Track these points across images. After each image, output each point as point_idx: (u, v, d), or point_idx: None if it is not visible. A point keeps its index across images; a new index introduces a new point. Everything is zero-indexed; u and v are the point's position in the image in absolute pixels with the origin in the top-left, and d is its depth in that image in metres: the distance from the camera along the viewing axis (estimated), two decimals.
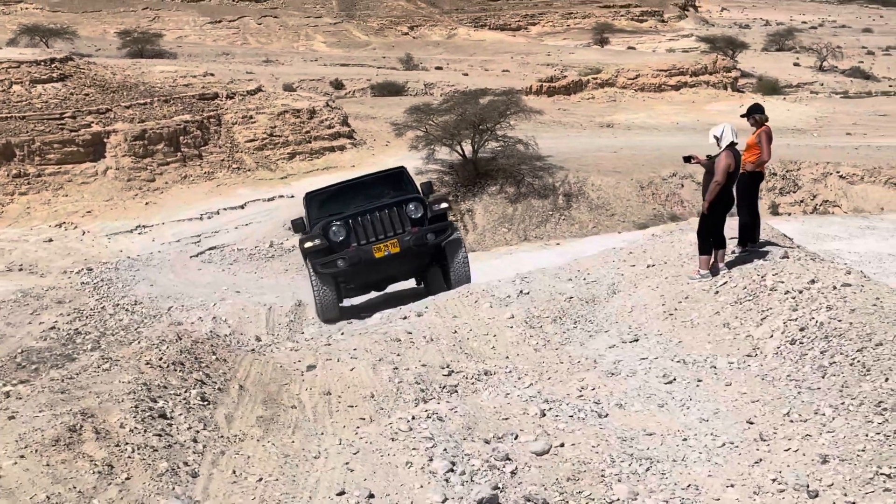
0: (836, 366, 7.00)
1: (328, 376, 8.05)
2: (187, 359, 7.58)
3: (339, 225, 12.51)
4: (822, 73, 57.92)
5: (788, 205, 32.27)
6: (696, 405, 7.04)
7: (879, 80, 56.53)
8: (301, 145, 30.06)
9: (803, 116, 40.47)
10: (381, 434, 6.48)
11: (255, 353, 9.18)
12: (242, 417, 6.95)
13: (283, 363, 8.47)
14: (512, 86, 41.43)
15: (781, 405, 6.76)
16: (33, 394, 6.43)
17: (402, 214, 12.78)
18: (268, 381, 7.90)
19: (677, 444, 6.43)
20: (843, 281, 8.13)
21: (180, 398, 6.78)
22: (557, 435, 6.51)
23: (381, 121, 35.95)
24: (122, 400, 6.24)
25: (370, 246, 12.42)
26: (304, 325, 12.26)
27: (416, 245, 12.50)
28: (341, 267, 12.31)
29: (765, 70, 55.71)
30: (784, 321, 7.96)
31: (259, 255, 22.50)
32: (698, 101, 41.97)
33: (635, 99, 42.87)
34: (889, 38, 75.69)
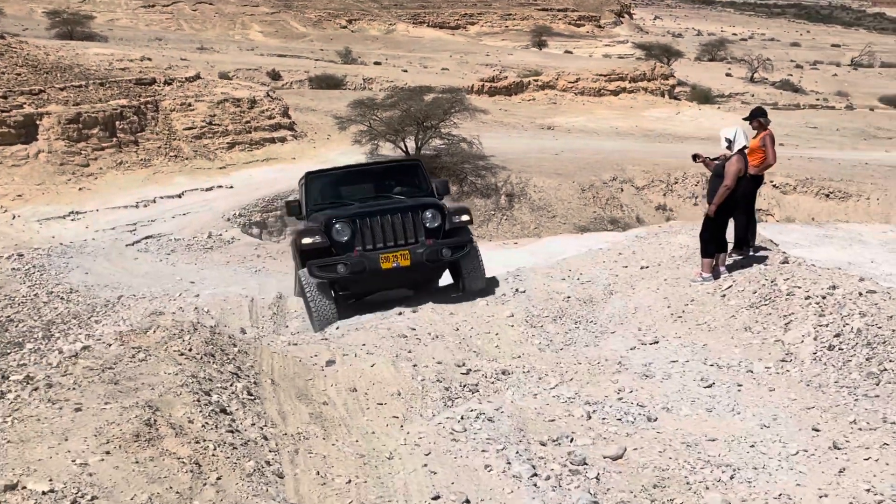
0: (890, 373, 6.98)
1: (349, 372, 7.81)
2: (215, 350, 7.23)
3: (343, 224, 11.02)
4: (753, 84, 59.19)
5: None
6: (748, 410, 6.95)
7: (807, 94, 57.99)
8: (241, 135, 29.41)
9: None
10: (439, 434, 6.29)
11: (269, 345, 8.94)
12: (294, 414, 6.70)
13: (301, 357, 8.20)
14: (451, 84, 41.33)
15: (843, 413, 6.69)
16: (83, 383, 6.07)
17: (417, 222, 11.25)
18: (292, 375, 7.64)
19: (747, 450, 6.30)
20: (868, 288, 8.18)
21: (228, 392, 6.47)
22: (614, 438, 6.37)
23: (322, 114, 35.49)
24: (179, 393, 5.93)
25: (377, 254, 10.97)
26: (288, 319, 11.85)
27: (429, 260, 11.06)
28: (341, 273, 10.82)
29: (698, 79, 56.68)
30: (814, 326, 7.93)
31: (198, 245, 21.88)
32: (636, 107, 42.41)
33: (575, 102, 43.14)
34: (816, 53, 77.79)
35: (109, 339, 7.40)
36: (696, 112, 42.64)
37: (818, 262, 10.41)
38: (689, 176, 32.30)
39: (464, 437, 6.27)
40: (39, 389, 5.98)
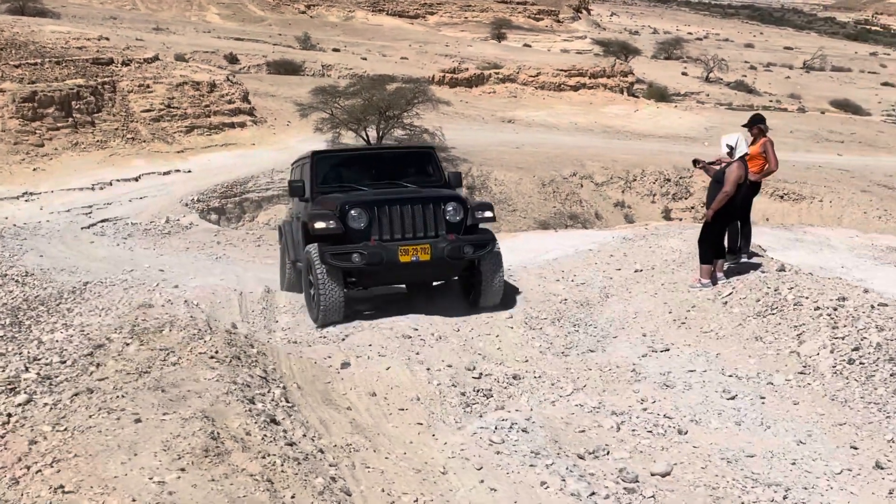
0: None
1: (366, 376, 7.72)
2: (239, 353, 7.08)
3: (360, 210, 10.30)
4: (708, 83, 59.82)
5: (680, 210, 33.14)
6: (778, 425, 6.95)
7: (761, 95, 58.80)
8: (200, 119, 28.98)
9: (694, 125, 41.62)
10: (480, 446, 6.22)
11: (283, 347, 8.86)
12: (334, 422, 6.59)
13: (314, 359, 8.07)
14: (410, 74, 41.16)
15: (878, 431, 6.69)
16: (128, 390, 5.92)
17: (439, 215, 10.52)
18: (311, 378, 7.51)
19: (790, 468, 6.28)
20: (879, 301, 8.24)
21: (268, 399, 6.32)
22: (650, 453, 6.31)
23: (282, 99, 35.12)
24: (228, 402, 5.78)
25: (396, 245, 10.22)
26: (278, 314, 11.62)
27: (450, 257, 10.27)
28: (356, 263, 10.07)
29: (655, 77, 57.15)
30: (829, 338, 7.95)
31: (155, 230, 21.47)
32: (596, 103, 42.63)
33: (535, 97, 43.21)
34: (769, 55, 78.86)
35: (101, 331, 7.23)
36: (655, 110, 42.98)
37: (810, 268, 10.53)
38: (647, 174, 32.59)
39: (505, 449, 6.21)
40: (81, 395, 5.80)
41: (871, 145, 41.56)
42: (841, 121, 48.56)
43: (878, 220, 30.71)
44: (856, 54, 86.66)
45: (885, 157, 38.94)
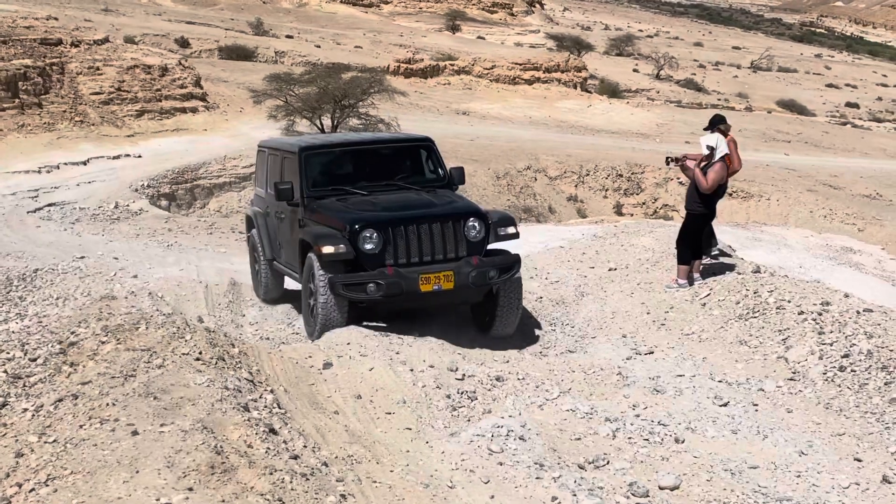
0: None
1: (349, 377, 7.56)
2: (222, 353, 6.84)
3: (374, 231, 9.10)
4: (658, 81, 60.29)
5: (631, 206, 33.42)
6: (775, 434, 6.90)
7: (710, 93, 59.43)
8: (151, 103, 28.44)
9: (646, 122, 41.98)
10: (480, 456, 6.09)
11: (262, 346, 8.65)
12: (329, 430, 6.40)
13: (296, 359, 7.88)
14: (365, 63, 40.91)
15: (880, 442, 6.68)
16: (117, 396, 5.65)
17: (460, 233, 9.33)
18: (294, 380, 7.33)
19: (795, 481, 6.23)
20: (864, 306, 8.27)
21: (261, 406, 6.10)
22: (651, 463, 6.24)
23: (234, 85, 34.66)
24: (224, 411, 5.55)
25: (416, 273, 9.03)
26: (245, 307, 11.37)
27: (475, 284, 9.15)
28: (371, 294, 8.97)
29: (607, 73, 57.45)
30: (817, 344, 7.96)
31: (103, 216, 21.04)
32: (550, 98, 42.76)
33: (490, 89, 43.21)
34: (718, 54, 79.81)
35: (62, 324, 7.01)
36: (607, 106, 43.27)
37: (774, 268, 10.62)
38: (600, 169, 32.79)
39: (507, 459, 6.12)
40: (66, 401, 5.54)
41: (817, 145, 42.31)
42: (787, 121, 49.37)
43: (824, 220, 31.25)
44: (801, 55, 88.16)
45: (830, 157, 39.65)
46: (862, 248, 17.35)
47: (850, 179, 35.37)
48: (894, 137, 48.72)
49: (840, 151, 41.29)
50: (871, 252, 17.13)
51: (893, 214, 31.16)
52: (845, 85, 70.43)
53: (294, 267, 10.47)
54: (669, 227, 12.80)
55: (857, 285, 12.15)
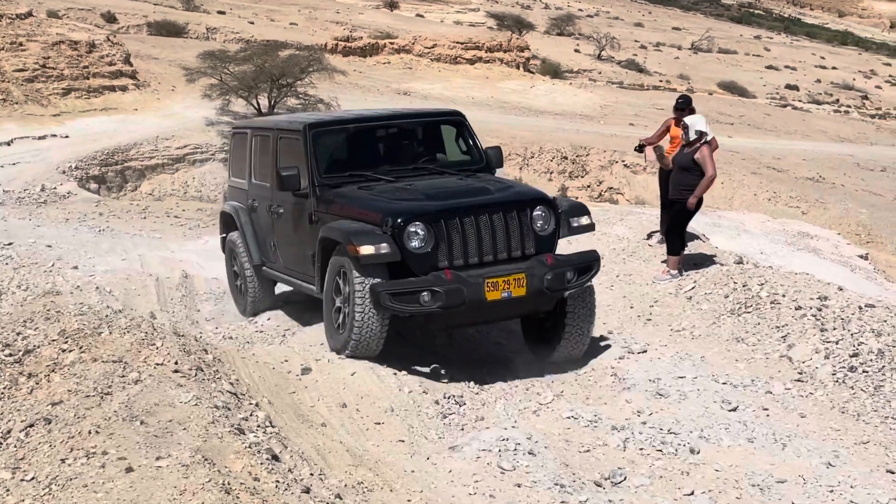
0: None
1: (331, 383, 6.90)
2: (199, 362, 6.12)
3: (424, 224, 7.39)
4: (600, 61, 60.05)
5: (576, 189, 33.01)
6: (795, 443, 6.39)
7: (651, 75, 59.39)
8: (78, 81, 27.16)
9: (589, 103, 41.60)
10: (492, 475, 5.49)
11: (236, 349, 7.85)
12: (330, 451, 5.72)
13: (271, 363, 7.15)
14: (301, 41, 39.85)
15: None
16: (98, 422, 4.87)
17: (526, 225, 7.68)
18: (274, 387, 6.64)
19: (830, 497, 5.66)
20: (866, 301, 7.89)
21: (254, 425, 5.39)
22: (670, 477, 5.69)
23: (165, 63, 33.41)
24: (221, 436, 4.82)
25: (480, 277, 7.33)
26: (199, 301, 10.43)
27: (551, 289, 7.52)
28: (426, 305, 7.24)
29: (548, 53, 56.99)
30: (821, 342, 7.55)
31: (29, 199, 20.01)
32: (492, 78, 42.11)
33: (431, 69, 42.40)
34: (658, 35, 79.97)
35: (7, 324, 6.13)
36: (550, 87, 42.80)
37: (737, 255, 10.33)
38: (544, 151, 32.30)
39: (523, 479, 5.53)
40: (37, 426, 4.73)
41: (759, 128, 42.40)
42: (729, 103, 49.47)
43: (768, 203, 31.20)
44: (741, 37, 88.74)
45: (773, 139, 39.76)
46: (818, 232, 17.22)
47: (793, 162, 35.47)
48: (834, 120, 49.14)
49: (782, 134, 41.46)
50: (827, 237, 17.00)
51: (836, 197, 31.22)
52: (785, 67, 71.04)
53: (299, 272, 8.84)
54: (640, 214, 12.50)
55: (820, 270, 11.94)
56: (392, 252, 7.32)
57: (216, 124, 26.40)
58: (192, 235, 15.31)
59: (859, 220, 27.11)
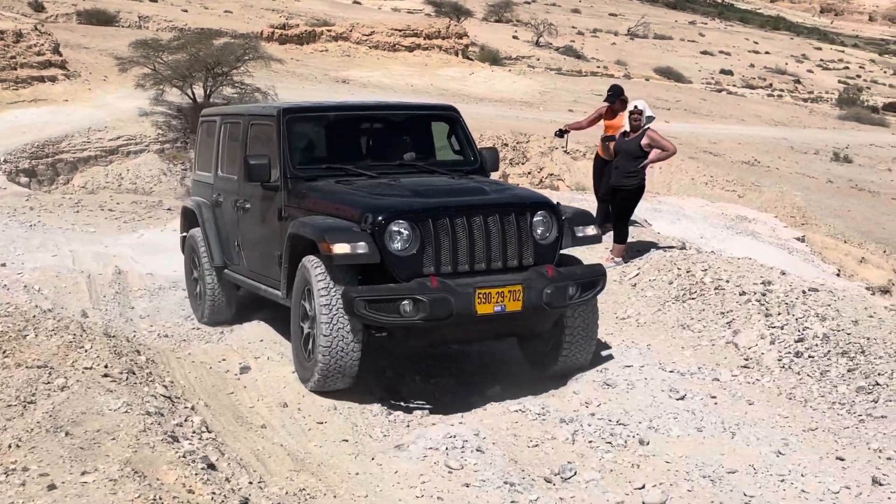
0: (885, 389, 6.54)
1: (271, 382, 6.62)
2: (130, 364, 5.84)
3: (409, 223, 6.58)
4: (538, 48, 60.18)
5: (517, 176, 33.00)
6: (744, 431, 6.32)
7: (589, 61, 59.70)
8: (5, 72, 26.36)
9: (528, 90, 41.61)
10: (440, 475, 5.27)
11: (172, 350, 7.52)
12: (270, 456, 5.43)
13: (208, 363, 6.88)
14: (236, 28, 39.24)
15: (858, 437, 6.16)
16: (19, 434, 4.54)
17: (525, 231, 6.91)
18: (211, 388, 6.35)
19: (782, 486, 5.56)
20: (808, 286, 7.88)
21: (189, 431, 5.08)
22: (621, 471, 5.56)
23: (96, 52, 32.65)
24: (153, 445, 4.49)
25: (470, 287, 6.52)
26: (133, 299, 10.03)
27: (551, 305, 6.77)
28: (408, 316, 6.39)
29: (487, 40, 56.96)
30: (766, 328, 7.54)
31: None
32: (431, 65, 41.90)
33: (370, 56, 42.04)
34: (595, 21, 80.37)
35: None
36: (490, 73, 42.74)
37: (679, 240, 10.37)
38: (485, 138, 32.18)
39: (471, 478, 5.33)
40: None
41: (696, 113, 42.83)
42: (666, 88, 49.93)
43: (705, 187, 31.50)
44: (676, 23, 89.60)
45: (709, 124, 40.18)
46: (756, 216, 17.49)
47: (728, 146, 35.88)
48: (768, 104, 49.93)
49: (718, 118, 41.96)
50: (764, 220, 17.25)
51: (771, 180, 31.64)
52: (719, 52, 71.97)
53: (264, 275, 7.95)
54: (582, 200, 12.47)
55: (759, 254, 12.09)
56: (370, 253, 6.47)
57: (150, 114, 25.83)
58: (126, 229, 14.92)
59: (794, 203, 27.44)
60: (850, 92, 61.90)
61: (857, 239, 21.55)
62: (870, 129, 45.82)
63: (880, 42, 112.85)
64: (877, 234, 22.82)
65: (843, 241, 19.88)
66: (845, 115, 49.32)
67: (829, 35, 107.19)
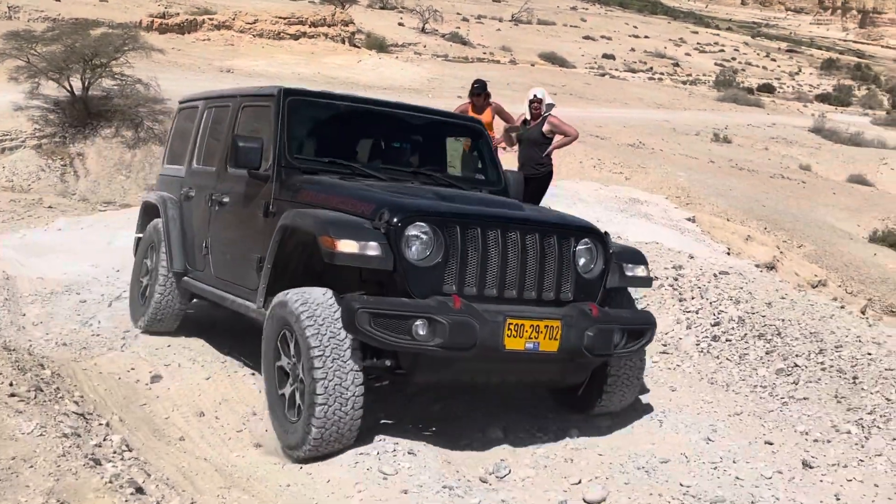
0: (804, 370, 6.58)
1: (185, 390, 6.26)
2: (37, 381, 5.28)
3: (427, 229, 5.40)
4: (424, 34, 60.19)
5: None
6: (671, 418, 6.28)
7: (475, 47, 60.04)
8: None
9: (416, 77, 41.52)
10: (376, 483, 5.03)
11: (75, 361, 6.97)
12: (197, 473, 5.02)
13: (116, 373, 6.46)
14: (113, 18, 37.91)
15: (783, 420, 6.19)
16: None
17: (566, 260, 5.76)
18: (123, 401, 5.96)
19: (714, 474, 5.50)
20: (718, 269, 7.88)
21: (111, 452, 4.65)
22: (555, 466, 5.41)
23: None
24: (76, 472, 4.04)
25: (501, 317, 5.33)
26: (23, 304, 9.34)
27: (591, 350, 5.60)
28: (422, 341, 5.21)
29: (373, 27, 56.61)
30: (681, 312, 7.53)
31: None
32: (317, 53, 41.37)
33: (254, 45, 41.19)
34: (479, 7, 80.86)
35: None
36: (377, 61, 42.47)
37: None
38: None
39: (408, 484, 5.08)
40: None
41: (581, 97, 43.54)
42: (551, 73, 50.62)
43: (593, 170, 32.02)
44: (558, 8, 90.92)
45: (594, 108, 40.87)
46: (647, 198, 17.79)
47: (614, 129, 36.60)
48: (650, 87, 51.13)
49: (602, 102, 42.71)
50: (656, 202, 17.56)
51: (656, 162, 32.39)
52: (601, 37, 73.48)
53: (236, 284, 6.75)
54: None
55: (654, 236, 12.25)
56: (383, 256, 5.27)
57: (25, 109, 24.63)
58: (6, 229, 14.13)
59: (678, 184, 28.14)
60: (726, 74, 64.10)
61: (739, 217, 22.28)
62: (746, 109, 47.52)
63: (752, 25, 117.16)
64: (757, 211, 23.64)
65: (727, 219, 20.48)
66: (723, 97, 51.03)
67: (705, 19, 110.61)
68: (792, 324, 7.32)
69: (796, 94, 65.18)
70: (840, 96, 66.69)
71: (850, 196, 27.61)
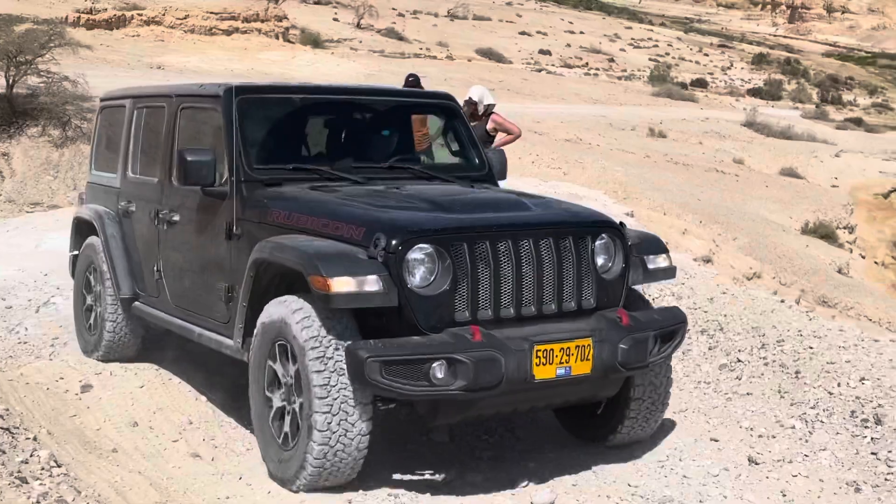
0: (747, 365, 6.59)
1: (117, 399, 6.02)
2: None
3: (431, 251, 4.72)
4: (360, 30, 59.81)
5: None
6: None
7: (411, 42, 59.87)
8: None
9: (353, 73, 41.20)
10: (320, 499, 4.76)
11: None
12: (131, 489, 4.77)
13: (44, 383, 6.15)
14: (37, 13, 37.00)
15: (727, 416, 6.14)
16: None
17: (585, 262, 5.13)
18: (51, 413, 5.67)
19: (660, 472, 5.40)
20: None
21: (38, 468, 4.36)
22: (503, 468, 5.33)
23: None
24: (1, 492, 3.84)
25: (528, 344, 4.71)
26: None
27: (626, 365, 5.00)
28: (441, 386, 4.56)
29: (307, 22, 56.09)
30: None
31: None
32: (251, 49, 40.85)
33: (186, 41, 40.51)
34: (415, 2, 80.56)
35: None
36: (313, 56, 42.10)
37: None
38: None
39: (358, 498, 4.84)
40: None
41: (518, 92, 43.66)
42: (488, 69, 50.66)
43: (532, 165, 32.06)
44: (494, 3, 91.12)
45: (531, 103, 41.01)
46: (586, 193, 17.83)
47: (551, 125, 36.73)
48: (586, 83, 51.50)
49: (539, 98, 42.89)
50: (595, 197, 17.61)
51: (594, 157, 32.60)
52: (537, 32, 73.80)
53: (199, 314, 6.02)
54: None
55: None
56: (385, 292, 4.59)
57: None
58: None
59: (616, 178, 28.33)
60: (660, 69, 64.81)
61: (675, 210, 22.47)
62: (680, 104, 48.07)
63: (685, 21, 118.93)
64: (692, 205, 23.88)
65: (664, 213, 20.65)
66: (658, 92, 51.58)
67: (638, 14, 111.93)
68: (734, 319, 7.34)
69: (728, 89, 66.29)
70: (771, 90, 68.00)
71: (782, 189, 28.08)
